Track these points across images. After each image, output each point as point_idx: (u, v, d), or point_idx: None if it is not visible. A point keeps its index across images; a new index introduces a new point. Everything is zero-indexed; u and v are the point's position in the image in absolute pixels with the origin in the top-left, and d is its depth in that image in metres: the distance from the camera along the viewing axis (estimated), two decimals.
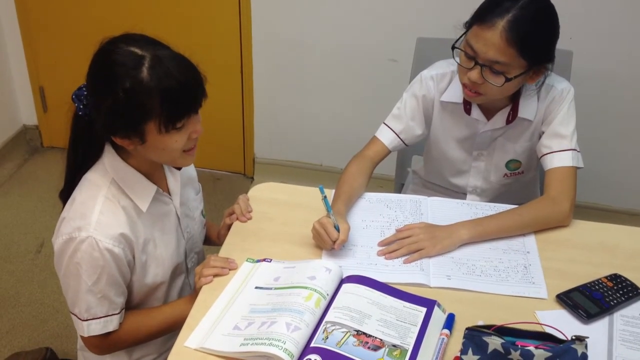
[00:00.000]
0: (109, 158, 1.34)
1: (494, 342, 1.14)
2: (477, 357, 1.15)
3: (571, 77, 1.91)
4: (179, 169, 1.46)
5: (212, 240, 1.67)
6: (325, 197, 1.43)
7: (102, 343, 1.40)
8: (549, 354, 1.14)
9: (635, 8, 2.35)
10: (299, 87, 2.82)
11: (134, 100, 1.22)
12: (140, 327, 1.43)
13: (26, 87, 3.12)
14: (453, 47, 1.52)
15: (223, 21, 2.72)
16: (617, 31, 2.40)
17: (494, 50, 1.45)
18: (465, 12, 1.53)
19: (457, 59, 1.54)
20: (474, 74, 1.49)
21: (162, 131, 1.25)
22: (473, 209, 1.61)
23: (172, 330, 1.43)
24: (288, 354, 1.15)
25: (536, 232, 1.53)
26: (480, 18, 1.47)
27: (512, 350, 1.13)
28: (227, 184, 3.08)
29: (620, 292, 1.36)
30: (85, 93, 1.30)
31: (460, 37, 1.52)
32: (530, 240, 1.51)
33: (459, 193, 1.81)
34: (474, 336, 1.17)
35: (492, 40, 1.45)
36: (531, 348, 1.14)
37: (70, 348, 2.20)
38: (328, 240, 1.42)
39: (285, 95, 2.85)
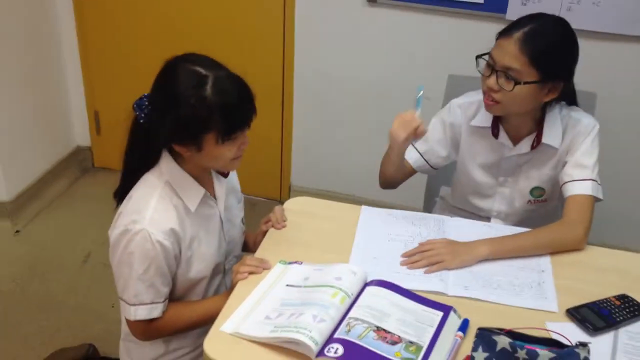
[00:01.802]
0: (166, 162, 1.50)
1: (503, 341, 1.25)
2: (486, 354, 1.25)
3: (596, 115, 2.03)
4: (225, 175, 1.62)
5: (249, 246, 1.81)
6: (422, 94, 1.64)
7: (145, 329, 1.54)
8: (553, 354, 1.24)
9: None
10: (335, 119, 2.98)
11: (198, 114, 1.38)
12: (180, 317, 1.56)
13: (82, 111, 3.35)
14: (478, 57, 1.68)
15: (268, 53, 2.91)
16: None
17: (508, 57, 1.60)
18: None
19: (481, 70, 1.69)
20: (491, 81, 1.64)
21: (219, 142, 1.42)
22: (494, 230, 1.71)
23: (207, 323, 1.54)
24: (313, 341, 1.27)
25: (551, 253, 1.63)
26: (502, 32, 1.64)
27: (518, 349, 1.24)
28: (264, 210, 3.19)
29: (627, 310, 1.45)
30: (147, 103, 1.47)
31: (486, 53, 1.67)
32: (546, 261, 1.61)
33: (484, 217, 1.91)
34: (485, 335, 1.27)
35: (508, 48, 1.60)
36: (537, 349, 1.25)
37: (111, 350, 2.34)
38: (413, 124, 1.64)
39: (322, 127, 3.01)
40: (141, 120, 1.47)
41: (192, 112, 1.38)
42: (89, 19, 3.09)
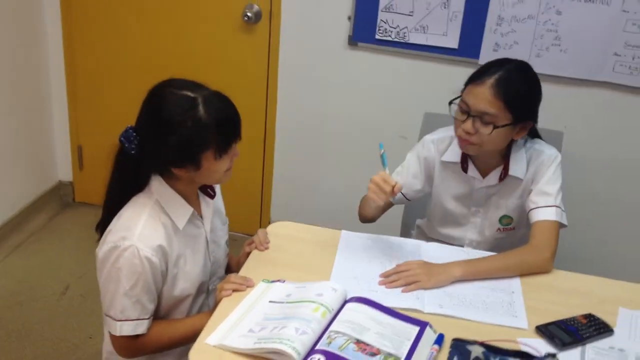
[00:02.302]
0: (157, 183, 1.56)
1: (476, 350, 1.32)
2: None
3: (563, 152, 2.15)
4: (212, 197, 1.68)
5: (233, 268, 1.85)
6: (384, 152, 1.67)
7: (130, 345, 1.57)
8: None
9: (622, 107, 2.63)
10: (316, 157, 3.07)
11: (196, 135, 1.46)
12: (164, 334, 1.60)
13: (66, 145, 3.39)
14: (450, 102, 1.78)
15: (251, 91, 3.00)
16: (607, 122, 2.67)
17: (484, 103, 1.71)
18: None
19: (454, 115, 1.79)
20: (467, 125, 1.74)
21: (217, 158, 1.49)
22: (467, 255, 1.79)
23: (190, 340, 1.57)
24: (296, 352, 1.32)
25: (521, 276, 1.71)
26: (473, 79, 1.76)
27: (491, 358, 1.31)
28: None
29: (593, 327, 1.53)
30: (135, 134, 1.52)
31: (457, 97, 1.78)
32: (516, 283, 1.69)
33: (457, 246, 1.99)
34: (459, 346, 1.34)
35: (483, 94, 1.71)
36: (509, 359, 1.32)
37: None
38: (387, 188, 1.63)
39: (303, 164, 3.10)
40: (132, 152, 1.52)
41: (190, 134, 1.46)
42: (77, 54, 3.18)
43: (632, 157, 2.71)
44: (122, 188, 1.57)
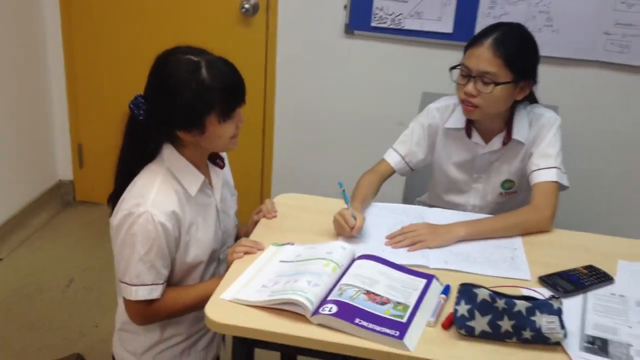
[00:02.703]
0: (168, 151, 1.60)
1: (483, 293, 1.36)
2: (469, 306, 1.36)
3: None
4: (222, 166, 1.73)
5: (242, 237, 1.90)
6: (344, 190, 1.69)
7: (144, 311, 1.60)
8: (529, 304, 1.35)
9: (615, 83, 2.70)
10: (316, 145, 3.12)
11: (200, 97, 1.51)
12: (178, 299, 1.63)
13: (66, 144, 3.44)
14: (451, 68, 1.84)
15: (250, 81, 3.00)
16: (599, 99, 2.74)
17: (484, 62, 1.77)
18: None
19: (455, 80, 1.85)
20: (469, 87, 1.79)
21: (221, 121, 1.54)
22: (469, 218, 1.84)
23: (203, 305, 1.60)
24: (309, 301, 1.36)
25: (522, 235, 1.76)
26: (471, 43, 1.82)
27: (497, 299, 1.35)
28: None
29: (594, 277, 1.58)
30: (143, 101, 1.58)
31: (458, 65, 1.84)
32: (518, 241, 1.74)
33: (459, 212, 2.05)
34: (466, 289, 1.38)
35: (482, 54, 1.77)
36: (515, 300, 1.36)
37: None
38: (346, 227, 1.66)
39: (302, 153, 3.15)
40: (140, 118, 1.57)
41: (193, 96, 1.51)
42: (77, 52, 3.23)
43: (623, 130, 2.77)
44: (134, 157, 1.61)
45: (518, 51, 1.80)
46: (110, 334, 1.81)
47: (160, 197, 1.55)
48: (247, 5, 2.91)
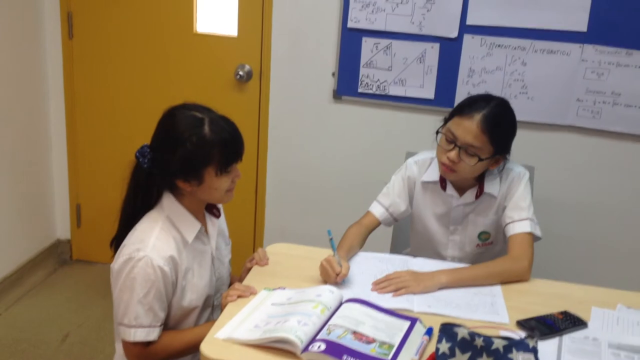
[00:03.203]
0: (167, 199, 1.73)
1: (462, 332, 1.45)
2: (449, 344, 1.45)
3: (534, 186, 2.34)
4: (217, 215, 1.84)
5: None
6: (331, 238, 1.80)
7: (142, 353, 1.68)
8: (507, 342, 1.44)
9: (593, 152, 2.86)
10: (306, 202, 3.24)
11: (200, 150, 1.64)
12: (174, 342, 1.71)
13: (65, 204, 3.53)
14: (437, 132, 1.97)
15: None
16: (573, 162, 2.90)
17: (471, 136, 1.90)
18: None
19: (439, 142, 1.98)
20: (453, 154, 1.92)
21: (218, 174, 1.66)
22: (451, 267, 1.94)
23: (197, 349, 1.70)
24: (299, 339, 1.45)
25: (502, 283, 1.86)
26: (460, 111, 1.95)
27: (476, 338, 1.44)
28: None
29: (569, 321, 1.68)
30: (149, 150, 1.71)
31: (443, 124, 1.98)
32: (497, 288, 1.84)
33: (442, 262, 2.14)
34: (447, 328, 1.47)
35: (470, 128, 1.90)
36: (492, 338, 1.45)
37: None
38: (332, 274, 1.76)
39: (294, 214, 3.26)
40: (145, 166, 1.70)
41: (194, 149, 1.64)
42: (77, 114, 3.37)
43: (596, 194, 2.92)
44: (137, 202, 1.73)
45: (503, 131, 1.95)
46: None
47: (159, 243, 1.66)
48: (241, 73, 3.09)
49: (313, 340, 1.48)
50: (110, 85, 3.30)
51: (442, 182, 2.07)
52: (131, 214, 1.74)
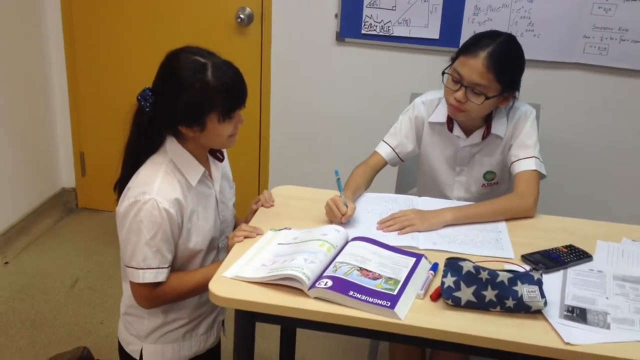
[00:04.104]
0: (170, 143, 1.71)
1: (467, 265, 1.46)
2: (455, 278, 1.46)
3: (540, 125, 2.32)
4: (221, 159, 1.83)
5: None
6: (339, 179, 1.79)
7: (150, 294, 1.70)
8: (511, 275, 1.45)
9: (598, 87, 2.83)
10: (310, 146, 3.24)
11: (202, 97, 1.61)
12: (182, 283, 1.72)
13: (68, 152, 3.54)
14: (443, 73, 1.94)
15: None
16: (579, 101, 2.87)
17: (476, 75, 1.86)
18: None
19: (445, 83, 1.95)
20: (460, 94, 1.90)
21: (221, 121, 1.64)
22: (457, 205, 1.94)
23: (206, 289, 1.70)
24: (306, 276, 1.46)
25: (506, 220, 1.86)
26: (465, 50, 1.91)
27: (481, 271, 1.45)
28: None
29: (573, 254, 1.68)
30: (150, 94, 1.69)
31: (448, 66, 1.95)
32: (502, 225, 1.85)
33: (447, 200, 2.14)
34: (452, 263, 1.48)
35: (476, 66, 1.86)
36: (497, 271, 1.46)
37: (104, 357, 2.45)
38: (338, 214, 1.76)
39: (299, 159, 3.26)
40: (147, 109, 1.68)
41: (197, 95, 1.61)
42: (79, 63, 3.35)
43: (602, 132, 2.90)
44: (139, 147, 1.71)
45: (510, 67, 1.90)
46: (116, 330, 1.90)
47: (164, 186, 1.65)
48: (242, 16, 3.03)
49: (320, 277, 1.50)
50: (110, 30, 3.26)
51: (449, 123, 2.05)
52: (134, 157, 1.73)
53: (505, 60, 1.88)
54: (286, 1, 3.02)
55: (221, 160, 1.85)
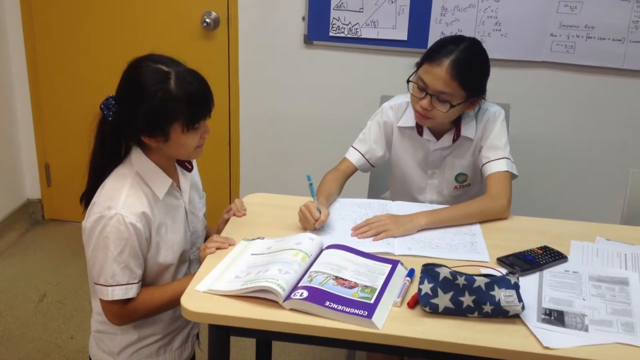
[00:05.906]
0: (136, 155, 1.66)
1: (444, 271, 1.44)
2: (432, 284, 1.44)
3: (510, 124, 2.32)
4: (190, 169, 1.79)
5: None
6: (311, 184, 1.77)
7: (121, 311, 1.64)
8: (488, 280, 1.44)
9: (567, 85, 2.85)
10: (280, 151, 3.20)
11: (165, 106, 1.56)
12: (153, 298, 1.67)
13: (33, 164, 3.45)
14: (408, 81, 1.93)
15: (214, 93, 3.12)
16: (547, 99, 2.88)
17: (441, 83, 1.85)
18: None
19: (411, 91, 1.94)
20: (425, 102, 1.88)
21: (184, 131, 1.59)
22: (430, 208, 1.93)
23: (177, 304, 1.65)
24: (280, 288, 1.43)
25: (480, 222, 1.86)
26: (429, 58, 1.89)
27: (458, 277, 1.43)
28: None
29: (549, 256, 1.68)
30: (113, 102, 1.63)
31: (414, 73, 1.93)
32: (476, 227, 1.84)
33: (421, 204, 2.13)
34: (429, 269, 1.46)
35: (440, 75, 1.85)
36: (474, 276, 1.45)
37: None
38: (311, 220, 1.73)
39: (269, 164, 3.22)
40: (109, 119, 1.63)
41: (159, 105, 1.56)
42: (40, 72, 3.27)
43: (572, 130, 2.92)
44: (103, 157, 1.66)
45: (474, 74, 1.89)
46: (87, 346, 1.84)
47: (130, 200, 1.60)
48: (208, 20, 2.99)
49: (295, 288, 1.46)
50: (73, 36, 3.18)
51: (419, 127, 2.04)
52: (99, 168, 1.68)
53: (469, 67, 1.87)
54: (253, 4, 2.98)
55: (190, 170, 1.81)
